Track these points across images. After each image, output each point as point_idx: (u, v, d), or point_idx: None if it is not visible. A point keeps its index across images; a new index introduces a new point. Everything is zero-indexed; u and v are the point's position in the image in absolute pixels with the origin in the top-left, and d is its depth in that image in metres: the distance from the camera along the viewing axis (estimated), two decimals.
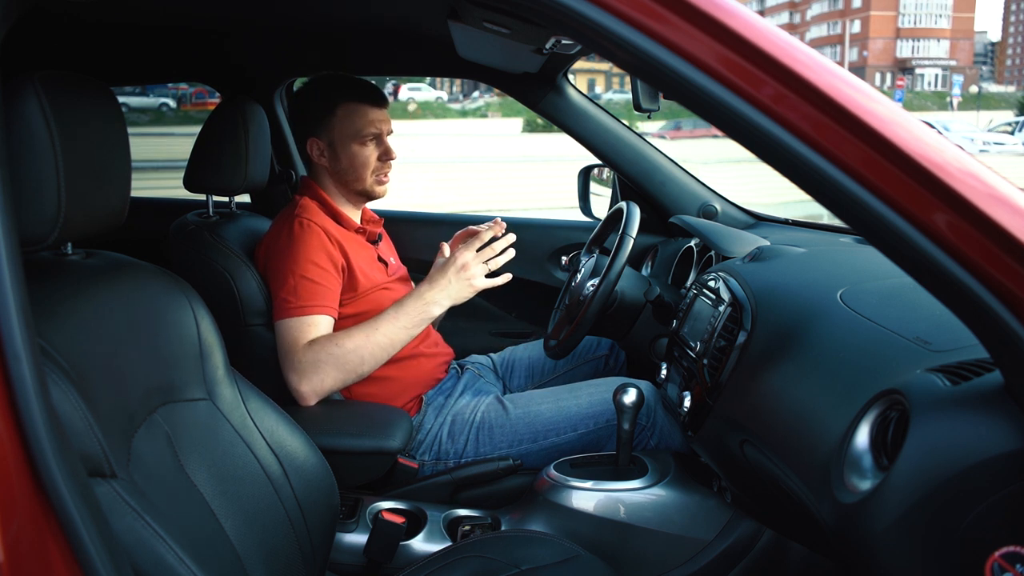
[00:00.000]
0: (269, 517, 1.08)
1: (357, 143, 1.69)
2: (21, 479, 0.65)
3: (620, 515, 1.44)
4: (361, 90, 1.70)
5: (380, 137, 1.72)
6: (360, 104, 1.69)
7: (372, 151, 1.71)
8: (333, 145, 1.70)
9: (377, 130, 1.70)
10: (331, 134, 1.70)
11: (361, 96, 1.69)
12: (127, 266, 1.04)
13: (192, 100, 24.07)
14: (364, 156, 1.70)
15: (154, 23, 1.82)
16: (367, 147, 1.70)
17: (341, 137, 1.69)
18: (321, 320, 1.57)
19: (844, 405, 0.91)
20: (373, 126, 1.70)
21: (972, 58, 77.36)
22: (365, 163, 1.71)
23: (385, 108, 1.73)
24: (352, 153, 1.70)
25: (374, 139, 1.71)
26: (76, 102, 0.90)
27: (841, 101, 0.68)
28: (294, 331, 1.55)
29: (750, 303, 1.25)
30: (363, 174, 1.71)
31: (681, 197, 2.10)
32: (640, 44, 0.70)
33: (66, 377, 0.79)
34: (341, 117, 1.68)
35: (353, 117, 1.68)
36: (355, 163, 1.70)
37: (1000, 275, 0.66)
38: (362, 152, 1.70)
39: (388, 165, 1.74)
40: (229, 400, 1.10)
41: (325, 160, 1.72)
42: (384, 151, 1.72)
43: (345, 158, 1.70)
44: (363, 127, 1.69)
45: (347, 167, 1.71)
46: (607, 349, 1.96)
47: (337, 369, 1.54)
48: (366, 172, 1.71)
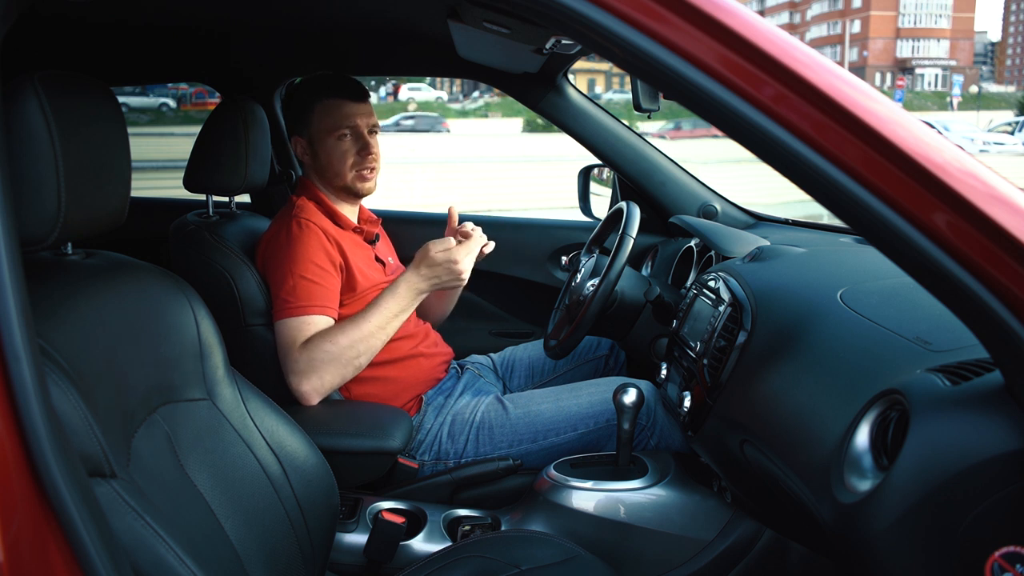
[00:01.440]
0: (269, 517, 1.08)
1: (333, 138, 1.69)
2: (21, 479, 0.65)
3: (620, 515, 1.44)
4: (338, 85, 1.70)
5: (357, 131, 1.70)
6: (336, 99, 1.69)
7: (349, 145, 1.70)
8: (312, 142, 1.71)
9: (353, 124, 1.69)
10: (310, 130, 1.70)
11: (337, 91, 1.69)
12: (127, 266, 1.04)
13: (192, 100, 24.08)
14: (340, 151, 1.70)
15: (154, 23, 1.82)
16: (343, 142, 1.69)
17: (318, 133, 1.70)
18: (320, 320, 1.57)
19: (844, 405, 0.91)
20: (348, 120, 1.69)
21: (972, 58, 77.36)
22: (342, 158, 1.70)
23: (364, 102, 1.72)
24: (329, 148, 1.70)
25: (351, 134, 1.70)
26: (76, 102, 0.90)
27: (841, 101, 0.68)
28: (292, 331, 1.55)
29: (750, 303, 1.25)
30: (341, 169, 1.70)
31: (681, 197, 2.10)
32: (640, 44, 0.70)
33: (66, 377, 0.79)
34: (319, 113, 1.69)
35: (330, 111, 1.68)
36: (332, 158, 1.70)
37: (1000, 275, 0.66)
38: (338, 147, 1.69)
39: (368, 160, 1.71)
40: (229, 400, 1.10)
41: (309, 158, 1.73)
42: (363, 146, 1.70)
43: (323, 154, 1.70)
44: (338, 121, 1.68)
45: (325, 163, 1.71)
46: (607, 349, 1.96)
47: (335, 365, 1.54)
48: (344, 167, 1.70)
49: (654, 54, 0.70)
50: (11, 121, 0.82)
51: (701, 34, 0.69)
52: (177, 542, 0.81)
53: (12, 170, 0.81)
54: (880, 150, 0.67)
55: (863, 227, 0.70)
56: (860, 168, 0.68)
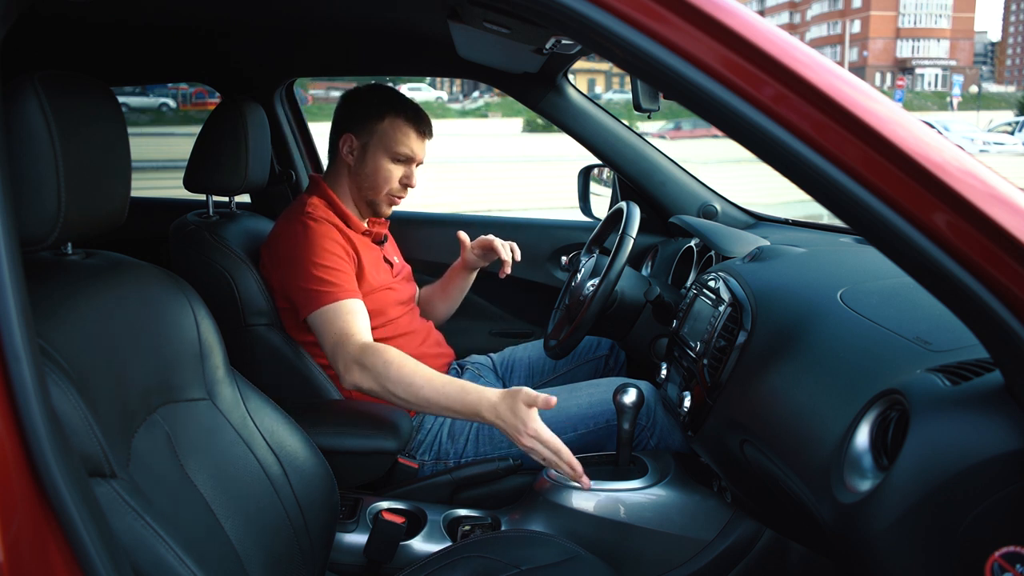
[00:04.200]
0: (269, 517, 1.08)
1: (388, 157, 1.70)
2: (21, 479, 0.65)
3: (620, 515, 1.44)
4: (415, 114, 1.72)
5: (411, 162, 1.72)
6: (408, 124, 1.70)
7: (397, 172, 1.72)
8: (366, 148, 1.71)
9: (411, 153, 1.71)
10: (369, 136, 1.70)
11: (413, 119, 1.71)
12: (127, 266, 1.04)
13: (192, 100, 24.07)
14: (388, 172, 1.71)
15: (154, 23, 1.82)
16: (395, 165, 1.71)
17: (376, 144, 1.70)
18: (354, 304, 1.57)
19: (844, 405, 0.91)
20: (409, 149, 1.70)
21: (972, 58, 77.36)
22: (387, 179, 1.71)
23: (427, 140, 1.74)
24: (379, 163, 1.70)
25: (405, 161, 1.72)
26: (76, 102, 0.90)
27: (841, 101, 0.68)
28: (338, 321, 1.54)
29: (750, 303, 1.25)
30: (380, 187, 1.72)
31: (681, 197, 2.10)
32: (640, 44, 0.70)
33: (66, 377, 0.79)
34: (386, 126, 1.69)
35: (396, 131, 1.69)
36: (378, 175, 1.71)
37: (1000, 275, 0.66)
38: (387, 167, 1.71)
39: (405, 191, 1.75)
40: (229, 400, 1.10)
41: (352, 159, 1.72)
42: (407, 175, 1.73)
43: (372, 164, 1.71)
44: (400, 144, 1.69)
45: (369, 174, 1.71)
46: (607, 349, 1.96)
47: (377, 383, 1.47)
48: (384, 187, 1.71)
49: (654, 54, 0.70)
50: (11, 121, 0.82)
51: (701, 34, 0.69)
52: (177, 542, 0.81)
53: (12, 170, 0.81)
54: (880, 150, 0.67)
55: (863, 227, 0.70)
56: (860, 168, 0.68)
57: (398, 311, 1.76)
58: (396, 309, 1.75)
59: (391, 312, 1.73)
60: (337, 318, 1.54)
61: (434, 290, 2.01)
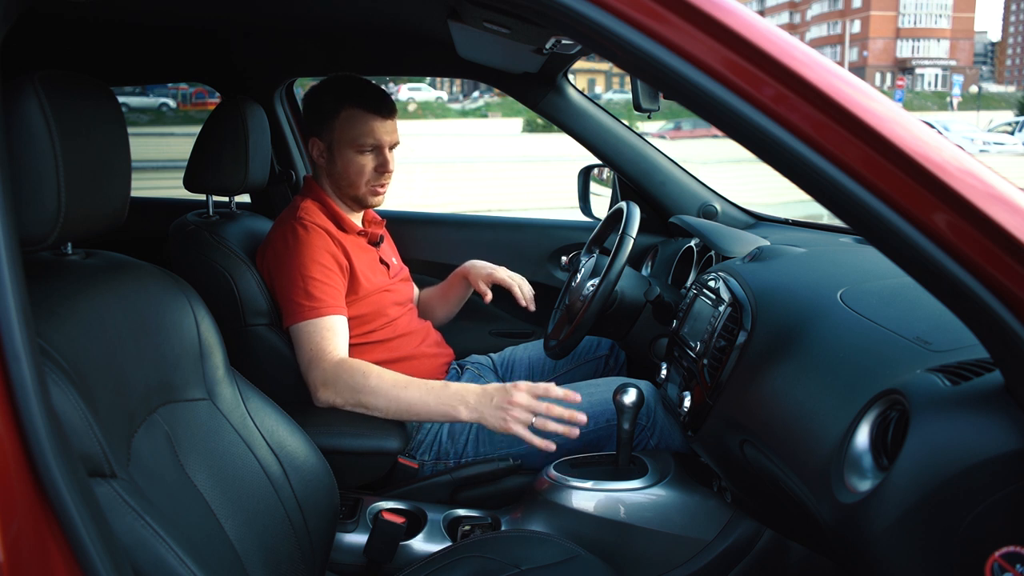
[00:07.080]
0: (269, 517, 1.08)
1: (354, 150, 1.67)
2: (21, 479, 0.65)
3: (620, 515, 1.44)
4: (368, 97, 1.66)
5: (379, 148, 1.68)
6: (364, 112, 1.66)
7: (369, 161, 1.68)
8: (331, 148, 1.69)
9: (376, 141, 1.67)
10: (331, 136, 1.68)
11: (366, 103, 1.66)
12: (127, 266, 1.04)
13: (192, 100, 24.07)
14: (359, 164, 1.68)
15: (154, 23, 1.82)
16: (364, 156, 1.68)
17: (340, 141, 1.67)
18: (336, 321, 1.57)
19: (844, 405, 0.91)
20: (372, 136, 1.67)
21: (972, 58, 77.35)
22: (360, 171, 1.68)
23: (391, 119, 1.70)
24: (348, 159, 1.68)
25: (372, 149, 1.68)
26: (76, 102, 0.90)
27: (841, 101, 0.68)
28: (315, 336, 1.55)
29: (750, 303, 1.25)
30: (356, 182, 1.69)
31: (681, 197, 2.10)
32: (640, 44, 0.70)
33: (66, 377, 0.79)
34: (343, 120, 1.66)
35: (354, 123, 1.66)
36: (349, 170, 1.69)
37: (1000, 275, 0.66)
38: (357, 160, 1.68)
39: (384, 177, 1.71)
40: (229, 400, 1.10)
41: (324, 160, 1.71)
42: (381, 163, 1.69)
43: (341, 162, 1.69)
44: (362, 135, 1.66)
45: (342, 172, 1.70)
46: (607, 349, 1.96)
47: (352, 395, 1.51)
48: (360, 181, 1.69)
49: (654, 54, 0.70)
50: (11, 121, 0.82)
51: (701, 34, 0.69)
52: (177, 542, 0.81)
53: (12, 170, 0.81)
54: (880, 150, 0.67)
55: (863, 227, 0.70)
56: (860, 168, 0.68)
57: (396, 312, 1.76)
58: (394, 310, 1.75)
59: (389, 313, 1.73)
60: (315, 333, 1.55)
61: (434, 294, 2.01)
